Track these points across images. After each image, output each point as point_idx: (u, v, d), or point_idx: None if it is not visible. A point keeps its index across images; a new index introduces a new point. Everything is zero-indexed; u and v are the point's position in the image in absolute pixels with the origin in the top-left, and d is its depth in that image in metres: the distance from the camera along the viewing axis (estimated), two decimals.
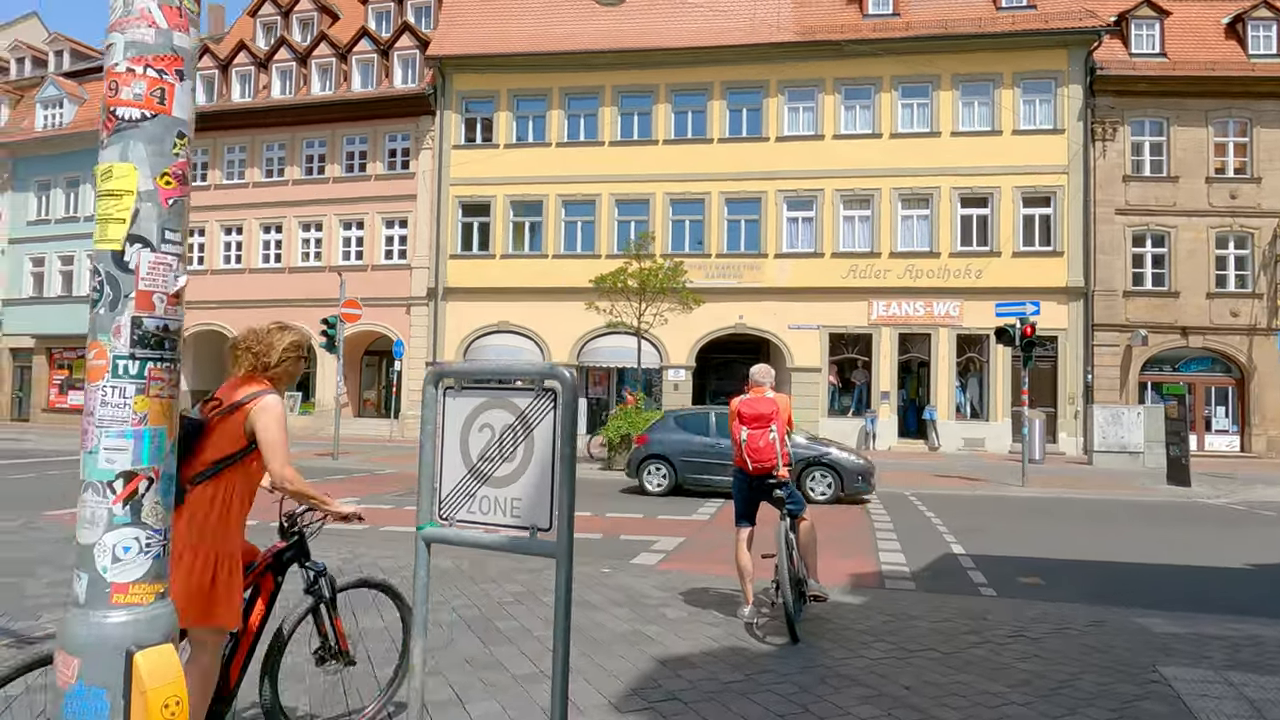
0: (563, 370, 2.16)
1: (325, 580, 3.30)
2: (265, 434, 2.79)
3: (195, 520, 2.70)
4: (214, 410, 2.83)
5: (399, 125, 25.89)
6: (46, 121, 31.07)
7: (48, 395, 30.25)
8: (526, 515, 2.20)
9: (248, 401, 2.81)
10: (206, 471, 2.74)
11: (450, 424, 2.36)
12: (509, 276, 24.41)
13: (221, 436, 2.78)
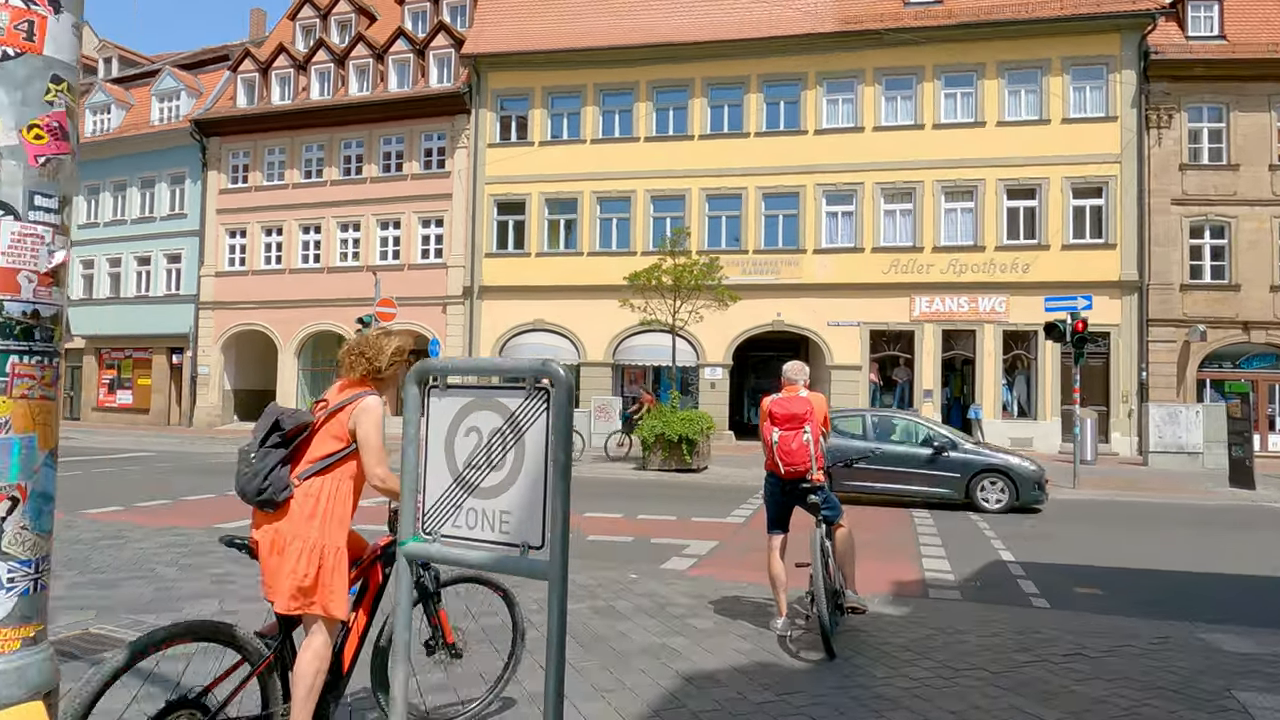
0: (556, 367, 1.90)
1: (429, 574, 3.40)
2: (363, 434, 2.95)
3: (301, 514, 2.84)
4: (322, 410, 3.02)
5: (435, 124, 25.93)
6: (95, 127, 31.80)
7: (97, 394, 30.97)
8: (516, 531, 1.93)
9: (351, 403, 2.98)
10: (312, 468, 2.89)
11: (435, 427, 2.10)
12: (544, 275, 24.29)
13: (326, 435, 2.96)
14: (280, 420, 2.89)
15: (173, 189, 29.78)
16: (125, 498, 11.51)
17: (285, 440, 2.89)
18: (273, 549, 2.85)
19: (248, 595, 5.77)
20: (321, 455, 2.93)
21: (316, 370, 28.22)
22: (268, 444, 2.85)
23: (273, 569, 2.87)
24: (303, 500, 2.86)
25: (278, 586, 2.86)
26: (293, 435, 2.90)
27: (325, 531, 2.88)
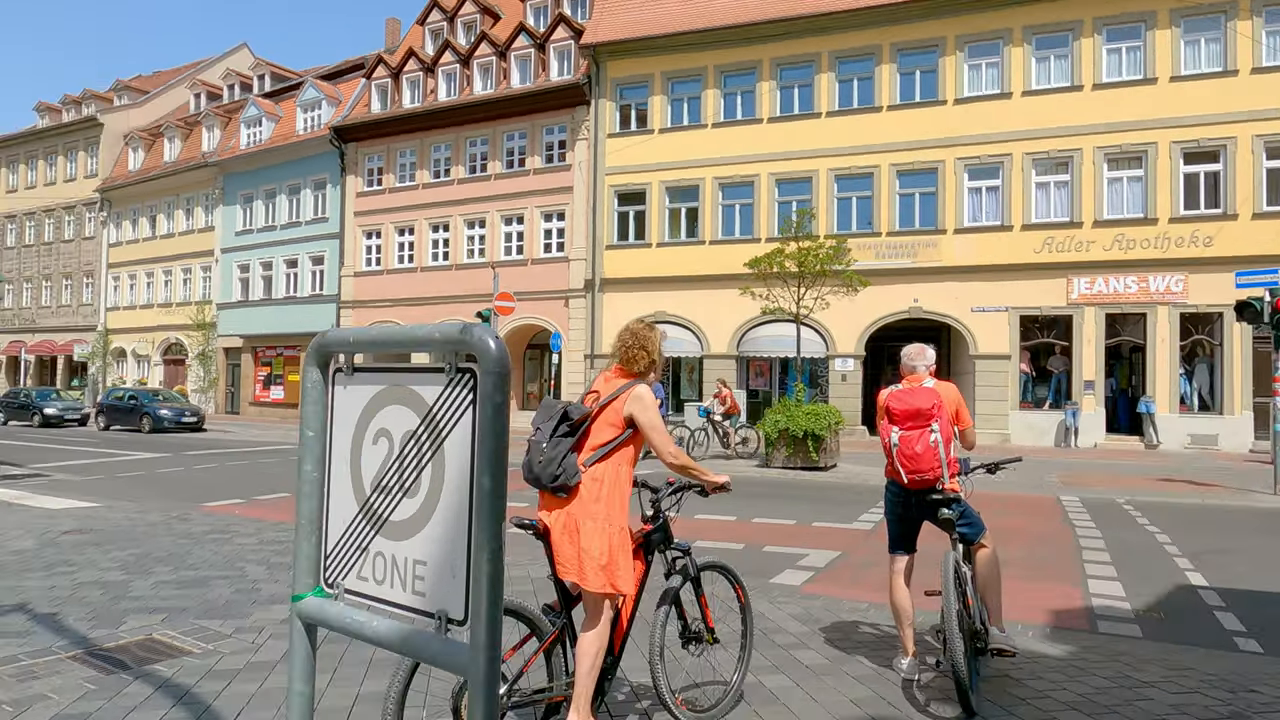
0: (482, 333, 1.19)
1: (690, 561, 3.55)
2: (644, 418, 3.18)
3: (590, 496, 3.07)
4: (594, 401, 3.23)
5: (555, 118, 25.83)
6: (249, 139, 33.92)
7: (254, 390, 33.05)
8: (432, 592, 1.25)
9: (624, 392, 3.20)
10: (596, 454, 3.12)
11: (340, 429, 1.45)
12: (665, 265, 23.67)
13: (604, 424, 3.18)
14: (569, 411, 3.08)
15: (316, 194, 31.29)
16: (249, 490, 11.78)
17: (573, 430, 3.08)
18: (565, 530, 3.06)
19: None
20: (602, 442, 3.14)
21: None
22: (558, 434, 3.05)
23: (567, 549, 3.06)
24: (590, 484, 3.07)
25: (575, 566, 3.05)
26: (578, 425, 3.10)
27: (610, 512, 3.08)
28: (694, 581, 3.59)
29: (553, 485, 3.04)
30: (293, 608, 1.48)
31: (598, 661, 3.10)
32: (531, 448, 3.09)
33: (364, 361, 1.45)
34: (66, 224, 41.44)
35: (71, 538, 7.68)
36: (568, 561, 3.06)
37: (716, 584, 3.87)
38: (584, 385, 24.49)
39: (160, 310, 36.64)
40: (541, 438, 3.08)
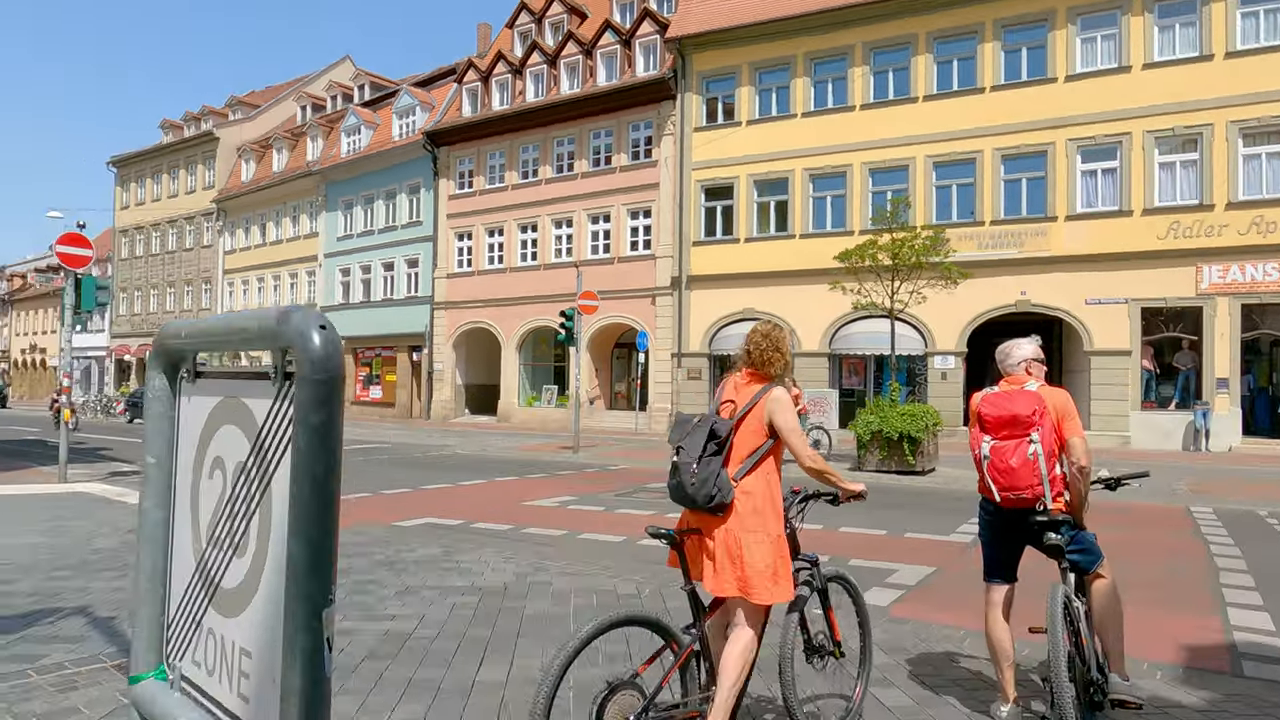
0: (302, 323, 0.81)
1: (817, 573, 3.50)
2: (783, 420, 3.09)
3: (746, 510, 3.01)
4: (731, 411, 3.15)
5: (641, 114, 25.55)
6: (349, 148, 35.11)
7: (354, 390, 34.18)
8: (255, 701, 0.86)
9: (762, 397, 3.12)
10: (744, 466, 3.05)
11: (183, 453, 1.09)
12: (754, 261, 23.03)
13: (746, 434, 3.10)
14: (715, 428, 3.01)
15: (410, 198, 32.08)
16: None
17: (721, 446, 3.01)
18: (726, 549, 3.00)
19: (370, 615, 5.22)
20: (748, 453, 3.08)
21: (536, 365, 29.06)
22: (708, 453, 2.98)
23: (728, 569, 3.00)
24: (743, 498, 3.01)
25: (738, 582, 2.99)
26: (726, 440, 3.03)
27: (768, 523, 3.03)
28: (821, 594, 3.52)
29: (710, 505, 2.97)
30: (129, 691, 1.13)
31: (743, 675, 3.02)
32: (680, 469, 3.02)
33: (206, 365, 1.09)
34: (187, 233, 44.03)
35: None
36: (728, 579, 3.00)
37: (838, 596, 3.73)
38: (671, 384, 24.11)
39: None
40: (688, 458, 2.99)
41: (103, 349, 50.07)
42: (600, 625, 2.76)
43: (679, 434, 3.11)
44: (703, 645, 3.06)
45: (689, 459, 3.00)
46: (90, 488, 11.60)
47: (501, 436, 22.78)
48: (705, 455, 2.98)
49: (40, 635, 4.70)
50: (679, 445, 3.07)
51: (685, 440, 3.06)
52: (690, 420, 3.11)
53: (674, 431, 3.15)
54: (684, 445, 3.05)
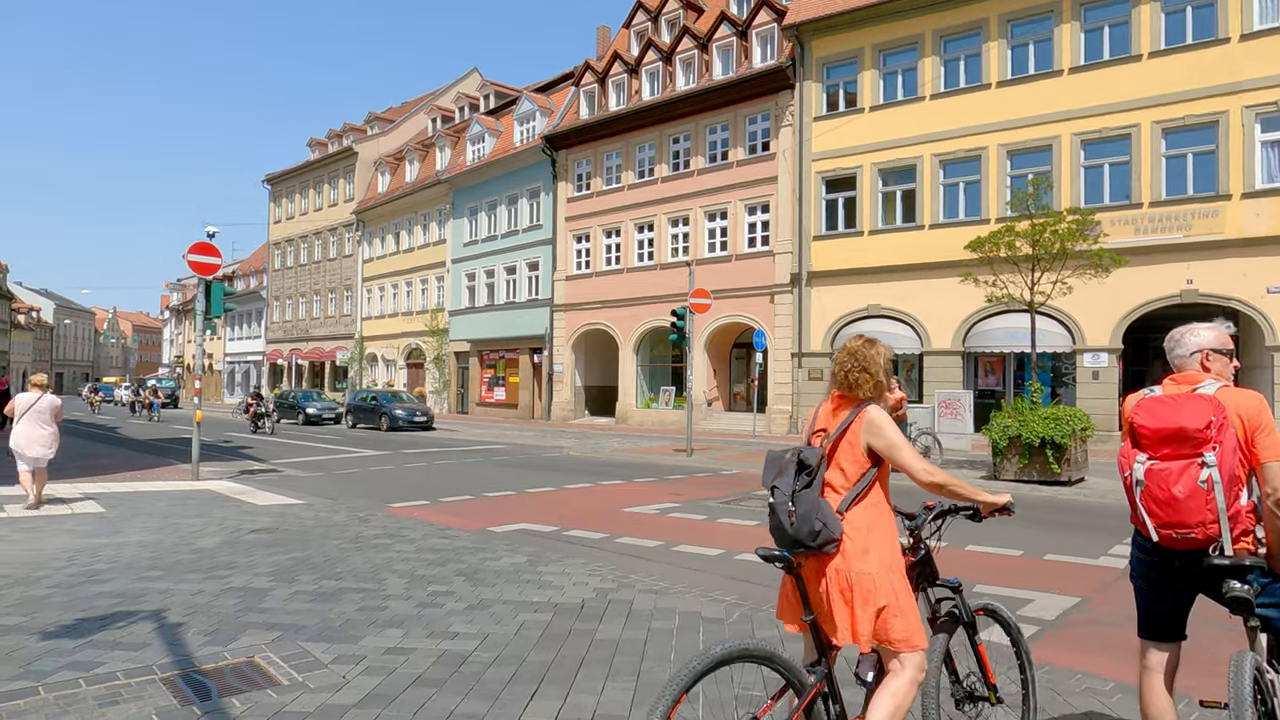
0: None
1: (961, 602, 3.08)
2: (884, 440, 2.78)
3: (856, 547, 2.71)
4: (823, 439, 2.86)
5: (758, 106, 24.74)
6: (474, 156, 36.08)
7: (480, 391, 35.05)
8: None
9: (853, 420, 2.83)
10: (847, 499, 2.78)
11: None
12: (878, 255, 21.74)
13: (843, 462, 2.82)
14: (803, 458, 2.77)
15: (531, 202, 32.55)
16: (440, 491, 11.92)
17: (813, 478, 2.75)
18: (838, 590, 2.71)
19: (432, 631, 4.89)
20: (848, 484, 2.81)
21: (654, 366, 28.75)
22: (799, 487, 2.73)
23: (842, 612, 2.71)
24: (852, 533, 2.73)
25: (853, 628, 2.70)
26: (817, 470, 2.77)
27: (884, 557, 2.74)
28: (967, 627, 3.13)
29: (817, 544, 2.68)
30: None
31: None
32: (776, 510, 2.77)
33: None
34: (330, 244, 46.68)
35: (254, 537, 7.90)
36: (844, 624, 2.71)
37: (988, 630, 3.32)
38: (791, 385, 23.18)
39: (403, 318, 40.06)
40: (783, 497, 2.75)
41: (259, 354, 53.94)
42: (710, 662, 2.48)
43: (771, 473, 2.85)
44: (830, 686, 2.76)
45: (784, 497, 2.73)
46: (217, 485, 12.11)
47: (617, 438, 22.56)
48: (799, 490, 2.72)
49: (106, 641, 4.64)
50: (773, 485, 2.80)
51: (777, 480, 2.79)
52: (781, 457, 2.86)
53: (766, 472, 2.89)
54: (778, 485, 2.78)
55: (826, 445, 2.84)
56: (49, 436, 9.72)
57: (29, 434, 9.56)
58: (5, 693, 3.86)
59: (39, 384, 9.82)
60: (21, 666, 4.21)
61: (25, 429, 9.54)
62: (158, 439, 22.73)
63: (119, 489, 11.40)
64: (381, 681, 4.08)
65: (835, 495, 2.79)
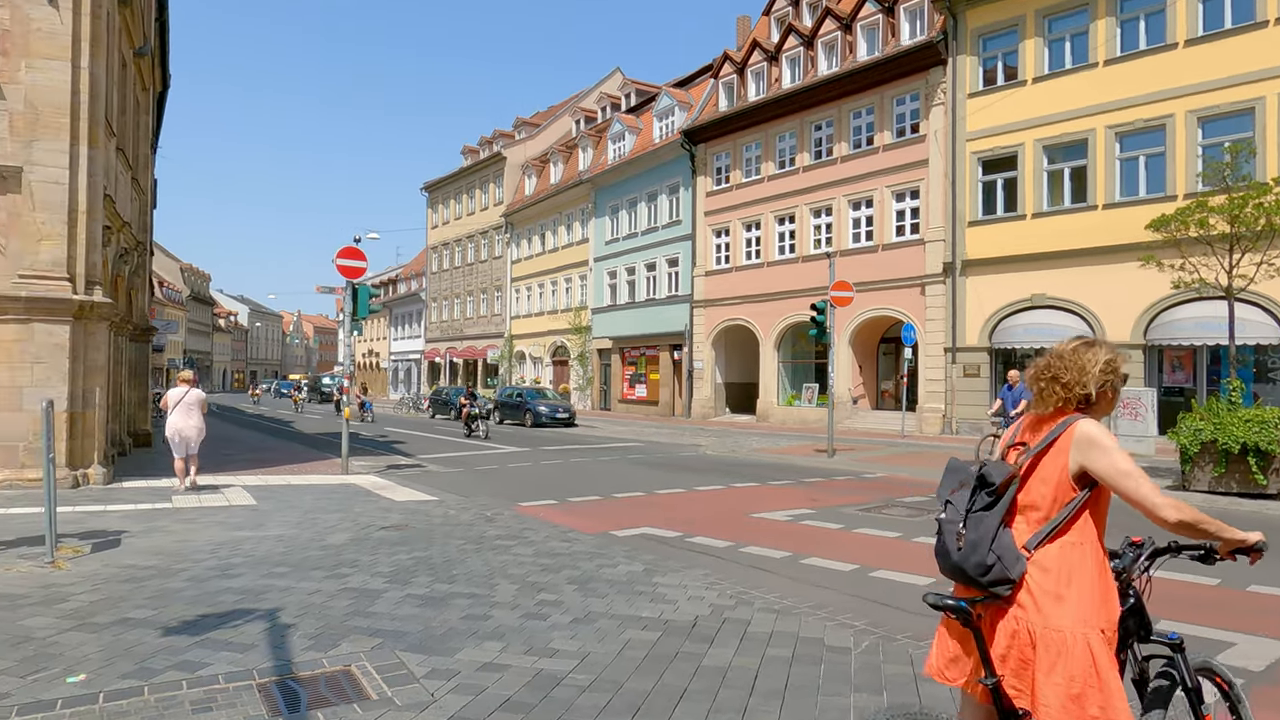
0: None
1: (1182, 661, 2.54)
2: (1104, 463, 2.23)
3: (1045, 595, 2.23)
4: (1019, 454, 2.40)
5: (906, 85, 23.30)
6: (614, 154, 36.36)
7: (621, 388, 35.29)
8: None
9: (1059, 435, 2.33)
10: (1041, 532, 2.29)
11: None
12: (1043, 239, 19.88)
13: (1042, 485, 2.33)
14: (986, 472, 2.32)
15: (670, 198, 32.38)
16: (571, 490, 11.85)
17: (997, 498, 2.31)
18: (1014, 646, 2.26)
19: (531, 647, 4.63)
20: (1046, 513, 2.31)
21: (796, 362, 27.82)
22: (976, 507, 2.30)
23: (1018, 673, 2.27)
24: (1040, 576, 2.25)
25: (1033, 694, 2.23)
26: (1003, 491, 2.32)
27: (1082, 613, 2.20)
28: (1191, 694, 2.53)
29: (986, 580, 2.25)
30: None
31: None
32: (944, 530, 2.36)
33: None
34: (482, 246, 48.61)
35: (382, 534, 8.03)
36: (1022, 686, 2.26)
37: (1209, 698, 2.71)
38: (944, 382, 21.68)
39: (549, 317, 41.06)
40: (955, 515, 2.34)
41: (418, 353, 57.08)
42: None
43: (949, 485, 2.42)
44: None
45: (956, 515, 2.32)
46: (363, 480, 12.61)
47: (756, 437, 21.92)
48: (974, 510, 2.29)
49: (218, 640, 4.70)
50: (946, 500, 2.39)
51: (952, 494, 2.38)
52: (965, 468, 2.41)
53: (944, 482, 2.45)
54: (952, 500, 2.37)
55: (1023, 463, 2.36)
56: (197, 426, 10.76)
57: (180, 424, 10.65)
58: (113, 690, 3.93)
59: (186, 379, 10.89)
60: (136, 663, 4.31)
61: (177, 420, 10.64)
62: (324, 433, 24.29)
63: (275, 482, 12.09)
64: (468, 703, 3.85)
65: (1025, 527, 2.33)
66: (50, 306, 10.39)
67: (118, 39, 13.31)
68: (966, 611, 2.26)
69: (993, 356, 20.92)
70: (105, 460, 11.45)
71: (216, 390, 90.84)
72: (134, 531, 7.98)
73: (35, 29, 10.48)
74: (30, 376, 10.31)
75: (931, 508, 10.02)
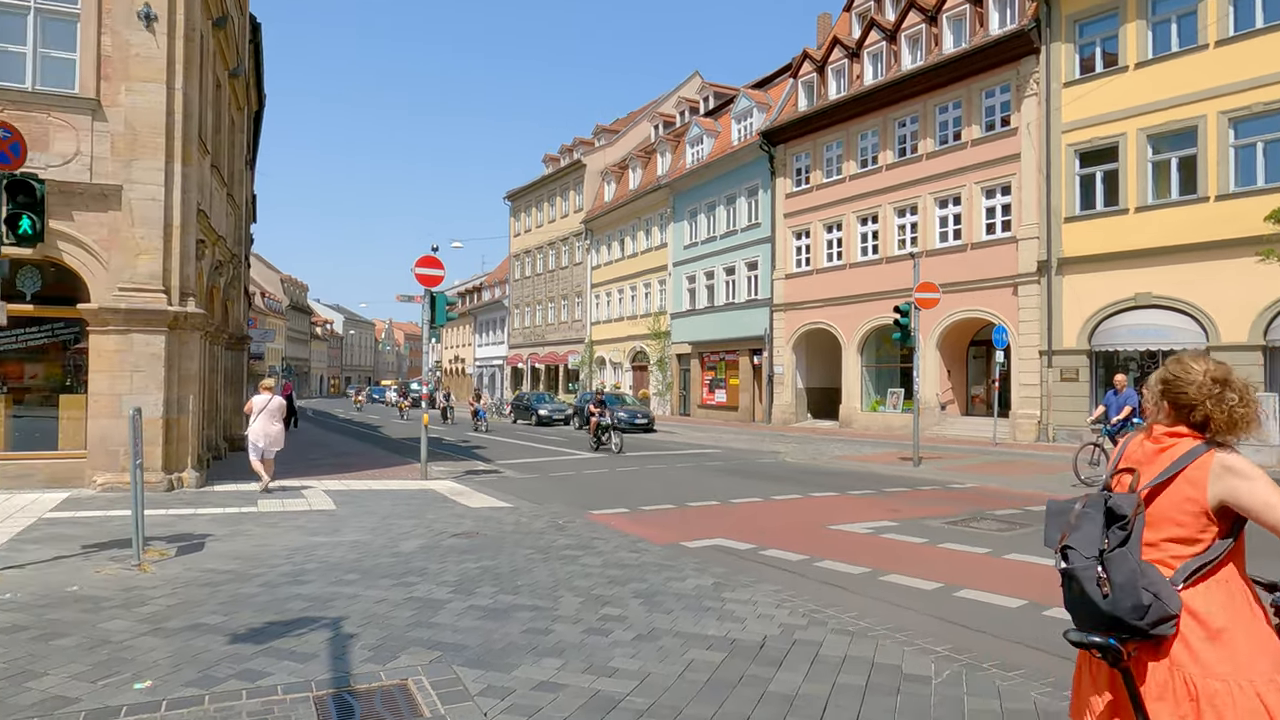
0: None
1: None
2: (1256, 500, 1.99)
3: (1198, 638, 2.01)
4: (1132, 482, 2.18)
5: (996, 77, 22.30)
6: (693, 158, 36.15)
7: (701, 393, 34.99)
8: None
9: (1189, 464, 2.10)
10: (1182, 571, 2.06)
11: None
12: (1147, 235, 18.64)
13: (1172, 519, 2.10)
14: (1116, 507, 2.09)
15: (749, 201, 31.95)
16: (644, 498, 11.69)
17: (1128, 531, 2.07)
18: (1169, 691, 2.01)
19: (591, 665, 4.47)
20: (1186, 553, 2.07)
21: (880, 367, 26.98)
22: (1113, 545, 2.06)
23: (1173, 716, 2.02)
24: (1190, 625, 2.02)
25: None
26: (1133, 523, 2.09)
27: (1246, 662, 1.98)
28: None
29: (1147, 623, 1.99)
30: None
31: None
32: (1079, 579, 2.07)
33: None
34: (563, 253, 49.16)
35: (452, 542, 8.04)
36: None
37: None
38: (1040, 387, 20.61)
39: (628, 322, 41.13)
40: (1085, 560, 2.06)
41: (501, 358, 58.13)
42: None
43: (1056, 527, 2.18)
44: None
45: (1086, 560, 2.05)
46: (441, 485, 12.77)
47: (838, 444, 21.31)
48: (1111, 550, 2.05)
49: (282, 649, 4.72)
50: (1065, 547, 2.12)
51: (1073, 536, 2.11)
52: (1069, 508, 2.18)
53: (1049, 527, 2.22)
54: (1072, 545, 2.10)
55: (1141, 491, 2.14)
56: (277, 431, 11.36)
57: (263, 429, 11.23)
58: (176, 699, 3.96)
59: (268, 387, 11.44)
60: (201, 671, 4.35)
61: (261, 424, 11.23)
62: (408, 438, 24.87)
63: (357, 486, 12.37)
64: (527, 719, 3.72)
65: (1165, 562, 2.10)
66: (147, 318, 10.89)
67: (211, 61, 13.91)
68: (1117, 650, 2.04)
69: (1092, 359, 19.75)
70: (198, 464, 11.94)
71: (314, 396, 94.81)
72: (218, 535, 8.22)
73: (134, 54, 11.02)
74: (129, 384, 10.82)
75: (1025, 521, 9.42)
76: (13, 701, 3.91)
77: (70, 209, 10.77)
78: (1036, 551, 7.72)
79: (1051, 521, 2.24)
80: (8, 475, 10.62)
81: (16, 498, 10.14)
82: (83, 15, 10.92)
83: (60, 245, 10.78)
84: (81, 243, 10.87)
